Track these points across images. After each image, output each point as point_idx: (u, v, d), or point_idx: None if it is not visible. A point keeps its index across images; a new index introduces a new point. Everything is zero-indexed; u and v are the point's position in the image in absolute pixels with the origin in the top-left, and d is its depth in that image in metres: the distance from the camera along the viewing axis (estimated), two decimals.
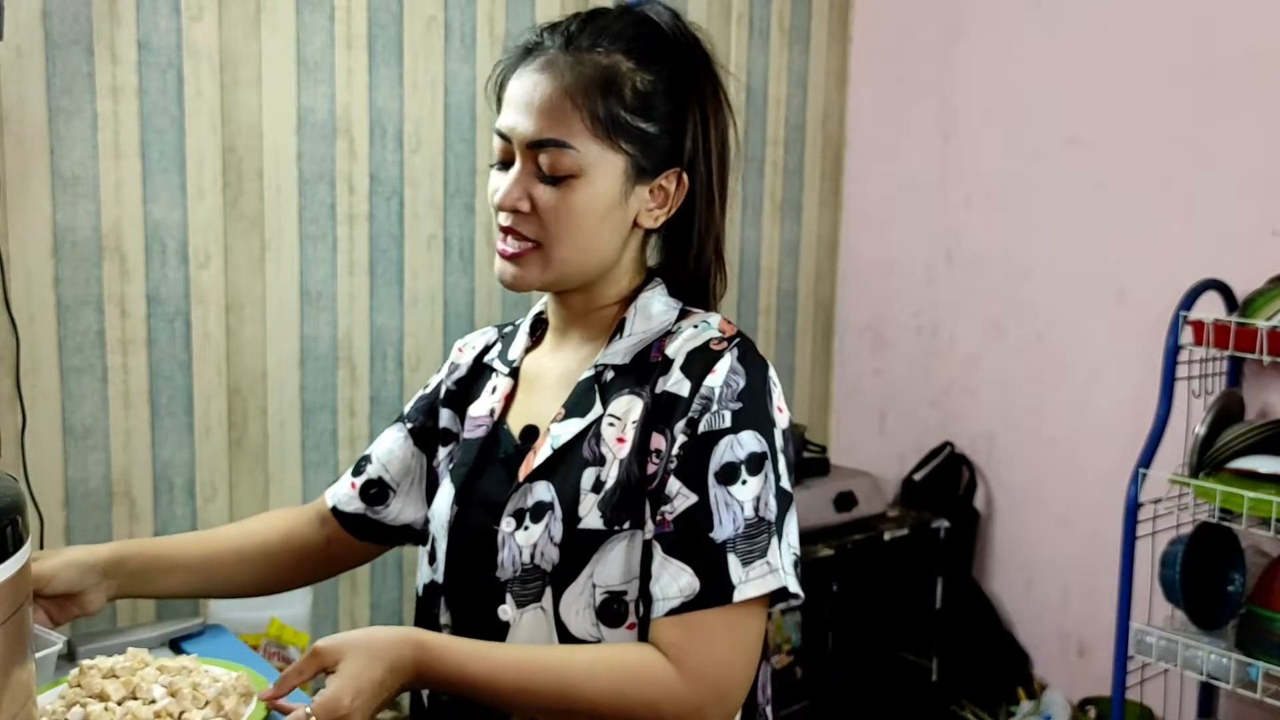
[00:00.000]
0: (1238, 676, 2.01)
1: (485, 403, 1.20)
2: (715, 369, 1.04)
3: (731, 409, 1.03)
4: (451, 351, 1.31)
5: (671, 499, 1.02)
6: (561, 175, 1.05)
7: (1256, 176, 2.23)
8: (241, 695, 0.99)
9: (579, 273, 1.10)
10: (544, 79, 1.06)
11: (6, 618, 0.69)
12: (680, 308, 1.14)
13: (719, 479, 1.02)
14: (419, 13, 2.34)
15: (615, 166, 1.07)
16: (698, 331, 1.08)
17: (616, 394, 1.09)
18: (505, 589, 1.07)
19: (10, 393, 1.98)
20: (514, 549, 1.07)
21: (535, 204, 1.06)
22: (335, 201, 2.29)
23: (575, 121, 1.05)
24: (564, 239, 1.07)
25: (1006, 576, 2.75)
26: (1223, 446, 2.07)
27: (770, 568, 1.00)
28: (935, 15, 2.83)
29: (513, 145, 1.07)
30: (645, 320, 1.12)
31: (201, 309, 2.16)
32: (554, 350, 1.19)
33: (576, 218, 1.07)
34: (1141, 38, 2.41)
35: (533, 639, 1.06)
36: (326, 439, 2.33)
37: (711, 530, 1.00)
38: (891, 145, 2.96)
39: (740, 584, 0.99)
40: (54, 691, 0.99)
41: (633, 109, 1.07)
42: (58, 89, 1.99)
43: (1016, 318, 2.69)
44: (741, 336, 1.08)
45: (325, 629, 2.34)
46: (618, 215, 1.09)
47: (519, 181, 1.07)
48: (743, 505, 1.01)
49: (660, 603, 1.00)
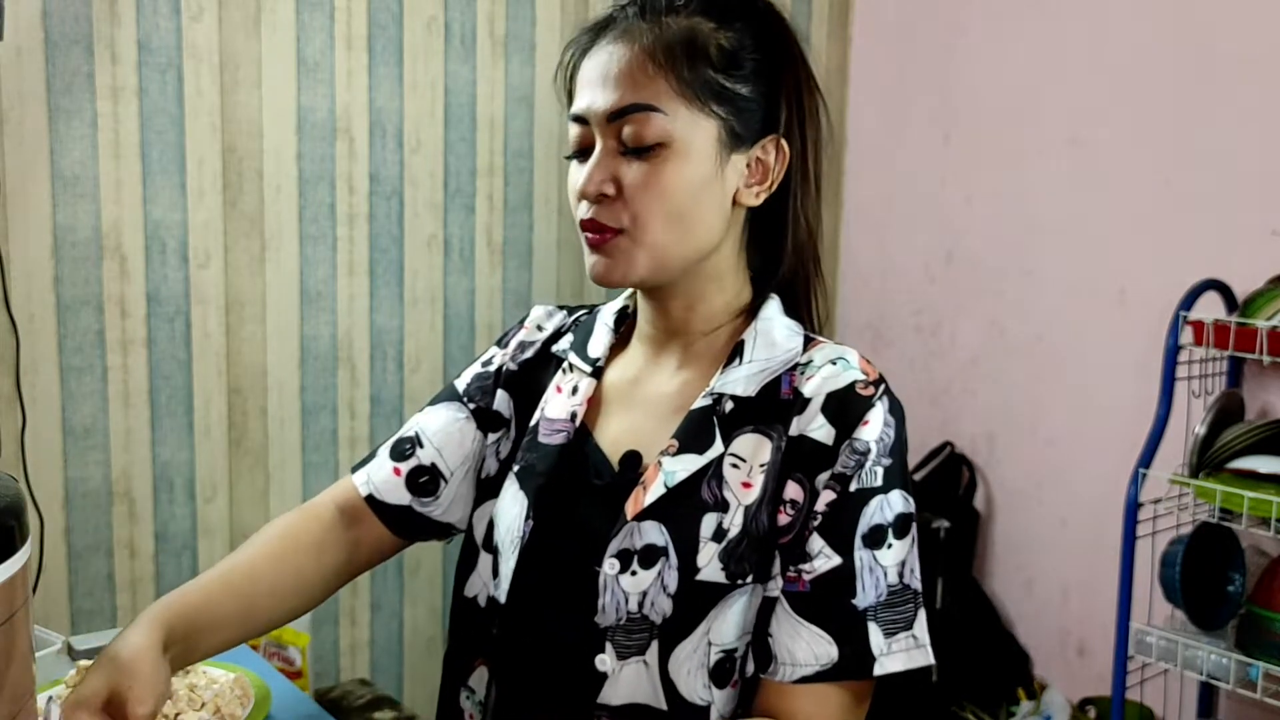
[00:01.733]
0: (1238, 676, 2.01)
1: (563, 403, 1.07)
2: (869, 420, 0.95)
3: (884, 465, 0.95)
4: (516, 328, 1.16)
5: (812, 558, 0.93)
6: (649, 144, 0.94)
7: (1256, 176, 2.23)
8: (239, 697, 0.99)
9: (678, 260, 0.98)
10: (619, 47, 0.96)
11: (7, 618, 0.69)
12: (804, 334, 1.03)
13: (865, 542, 0.93)
14: (419, 13, 2.34)
15: (708, 133, 0.96)
16: (837, 370, 0.97)
17: (739, 431, 0.98)
18: (605, 637, 0.96)
19: (10, 392, 1.99)
20: (618, 594, 0.96)
21: (621, 185, 0.95)
22: (335, 202, 2.29)
23: (659, 83, 0.94)
24: (657, 219, 0.95)
25: (1006, 576, 2.75)
26: (1223, 446, 2.07)
27: (916, 642, 0.93)
28: (935, 15, 2.82)
29: (590, 127, 0.97)
30: (768, 346, 1.00)
31: (201, 309, 2.17)
32: (648, 363, 1.06)
33: (670, 193, 0.95)
34: (1141, 38, 2.40)
35: (634, 695, 0.96)
36: (326, 439, 2.33)
37: (854, 596, 0.92)
38: (891, 145, 2.96)
39: (881, 656, 0.92)
40: (51, 692, 0.99)
41: (721, 68, 0.96)
42: (58, 89, 1.99)
43: (1016, 318, 2.69)
44: (885, 381, 0.98)
45: (325, 629, 2.34)
46: (715, 190, 0.98)
47: (601, 163, 0.96)
48: (886, 571, 0.93)
49: (788, 667, 0.92)
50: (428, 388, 2.40)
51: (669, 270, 0.99)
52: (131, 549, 2.15)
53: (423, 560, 2.46)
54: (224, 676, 1.03)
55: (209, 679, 1.01)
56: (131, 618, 2.12)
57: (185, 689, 0.97)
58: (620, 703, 0.96)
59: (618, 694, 0.96)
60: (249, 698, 1.00)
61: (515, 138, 2.50)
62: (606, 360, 1.08)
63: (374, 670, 2.45)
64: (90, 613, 2.11)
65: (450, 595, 1.13)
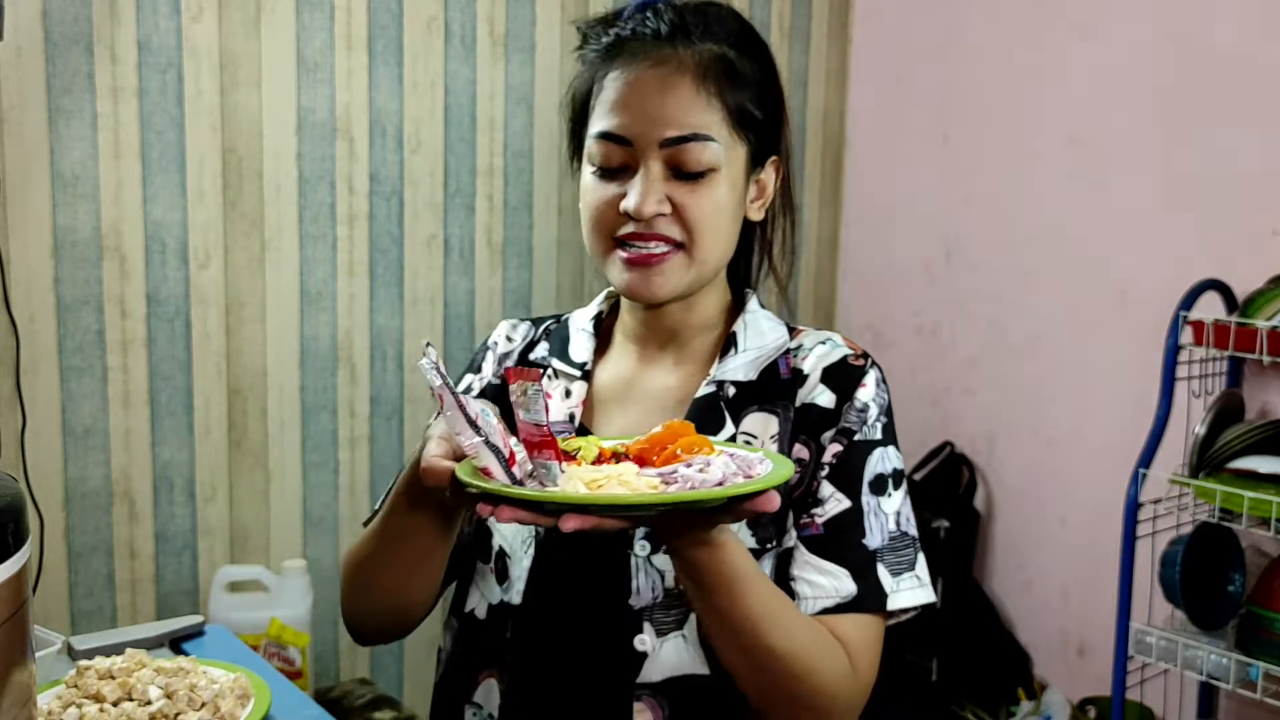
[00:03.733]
0: (1237, 676, 2.01)
1: (556, 406, 1.11)
2: (864, 383, 1.05)
3: (882, 423, 1.05)
4: (482, 350, 1.20)
5: (823, 502, 1.02)
6: (703, 170, 1.01)
7: (1256, 177, 2.23)
8: (239, 697, 0.99)
9: (712, 273, 1.07)
10: (661, 72, 1.00)
11: (7, 618, 0.69)
12: (785, 324, 1.13)
13: (871, 488, 1.02)
14: (419, 13, 2.34)
15: (740, 157, 1.04)
16: (828, 349, 1.08)
17: (745, 411, 1.06)
18: (641, 617, 1.01)
19: (10, 393, 1.99)
20: (652, 574, 1.01)
21: (674, 204, 1.01)
22: (335, 202, 2.29)
23: (713, 113, 1.01)
24: (708, 237, 1.03)
25: (1006, 576, 2.75)
26: (1223, 447, 2.07)
27: (920, 581, 1.03)
28: (935, 15, 2.83)
29: (631, 148, 1.01)
30: (758, 336, 1.10)
31: (201, 309, 2.17)
32: (640, 362, 1.12)
33: (720, 214, 1.03)
34: (1141, 38, 2.40)
35: (677, 668, 1.00)
36: (327, 439, 2.33)
37: (864, 537, 1.01)
38: (891, 145, 2.96)
39: (892, 594, 1.01)
40: (51, 692, 0.99)
41: (749, 95, 1.04)
42: (58, 89, 1.99)
43: (1016, 318, 2.69)
44: (870, 354, 1.08)
45: (325, 629, 2.34)
46: (740, 208, 1.07)
47: (653, 185, 1.00)
48: (888, 517, 1.03)
49: (810, 600, 0.99)
50: (428, 389, 2.40)
51: (701, 283, 1.07)
52: (131, 549, 2.15)
53: None
54: (224, 676, 1.03)
55: (209, 679, 1.01)
56: (131, 618, 2.13)
57: (185, 689, 0.97)
58: (661, 678, 1.00)
59: (658, 670, 1.00)
60: (249, 697, 1.00)
61: (515, 138, 2.50)
62: (592, 364, 1.13)
63: (374, 670, 2.45)
64: (90, 613, 2.12)
65: (449, 595, 1.13)
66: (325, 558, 2.35)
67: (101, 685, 0.97)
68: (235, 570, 2.17)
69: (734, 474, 0.84)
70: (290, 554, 2.29)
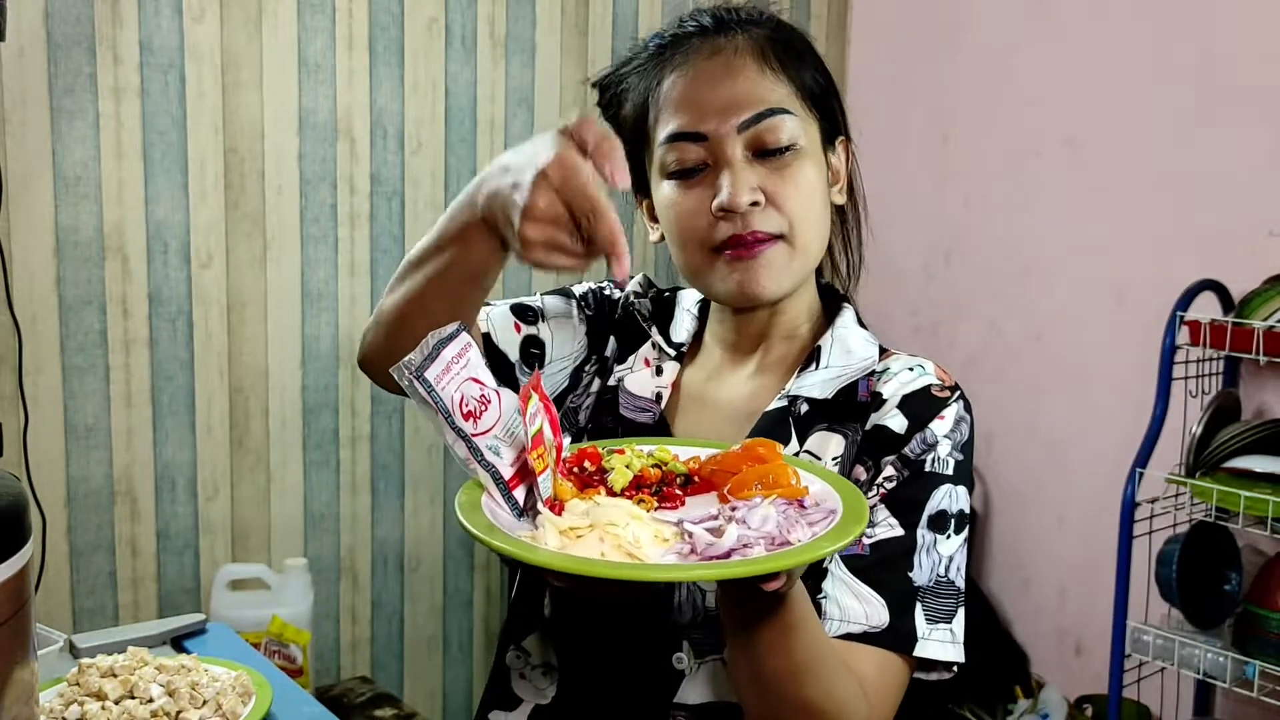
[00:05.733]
0: (1234, 675, 2.02)
1: (646, 380, 1.06)
2: (943, 415, 0.97)
3: (956, 459, 0.97)
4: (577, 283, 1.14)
5: (875, 524, 0.94)
6: (786, 146, 0.95)
7: (1254, 177, 2.24)
8: (240, 695, 1.00)
9: (814, 263, 1.00)
10: (725, 59, 0.96)
11: (9, 616, 0.70)
12: (879, 345, 1.05)
13: (930, 524, 0.94)
14: (420, 14, 2.35)
15: (815, 134, 0.99)
16: (914, 375, 1.00)
17: (812, 430, 0.99)
18: (681, 635, 0.96)
19: (13, 392, 2.00)
20: (695, 593, 0.95)
21: (766, 194, 0.95)
22: (336, 202, 2.30)
23: (782, 87, 0.96)
24: (806, 220, 0.96)
25: (1004, 576, 2.76)
26: (1219, 446, 2.08)
27: (953, 636, 0.95)
28: (935, 15, 2.83)
29: (708, 143, 0.95)
30: (844, 354, 1.02)
31: (203, 309, 2.18)
32: (724, 365, 1.06)
33: (813, 196, 0.96)
34: (1141, 38, 2.41)
35: (716, 694, 0.95)
36: (328, 438, 2.34)
37: (910, 570, 0.93)
38: (891, 145, 2.96)
39: (922, 639, 0.93)
40: (53, 690, 1.00)
41: (813, 73, 0.99)
42: (60, 90, 2.00)
43: (1015, 318, 2.70)
44: (961, 389, 1.00)
45: (326, 627, 2.35)
46: (827, 193, 1.00)
47: (742, 174, 0.94)
48: (941, 559, 0.95)
49: (836, 623, 0.92)
50: None
51: (805, 274, 1.00)
52: (133, 548, 2.16)
53: (423, 558, 2.47)
54: (225, 674, 1.03)
55: (210, 676, 1.02)
56: (133, 616, 2.14)
57: (187, 687, 0.98)
58: (698, 701, 0.96)
59: (695, 693, 0.95)
60: (250, 695, 1.00)
61: (516, 139, 2.50)
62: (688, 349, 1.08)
63: (375, 668, 2.46)
64: (92, 611, 2.13)
65: (450, 593, 1.14)
66: (326, 556, 2.36)
67: (103, 683, 0.98)
68: (237, 568, 2.18)
69: (762, 537, 0.74)
70: (291, 552, 2.30)
